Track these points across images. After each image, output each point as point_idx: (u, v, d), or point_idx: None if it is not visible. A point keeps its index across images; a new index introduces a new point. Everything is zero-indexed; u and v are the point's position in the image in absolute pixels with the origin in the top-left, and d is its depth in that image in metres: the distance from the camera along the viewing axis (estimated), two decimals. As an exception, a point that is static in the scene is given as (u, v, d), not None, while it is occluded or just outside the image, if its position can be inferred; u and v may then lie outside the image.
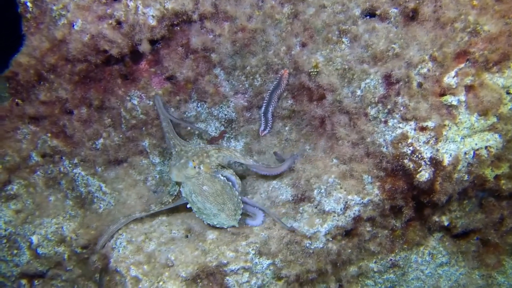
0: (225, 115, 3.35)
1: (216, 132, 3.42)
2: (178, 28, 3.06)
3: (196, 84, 3.26)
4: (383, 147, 2.67)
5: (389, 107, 2.65)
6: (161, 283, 2.61)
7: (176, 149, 3.02)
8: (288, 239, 2.73)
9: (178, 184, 2.94)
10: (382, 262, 3.07)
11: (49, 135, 3.33)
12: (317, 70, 2.85)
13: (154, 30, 2.95)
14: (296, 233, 2.72)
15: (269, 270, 2.72)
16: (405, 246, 3.05)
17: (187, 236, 2.95)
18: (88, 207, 3.45)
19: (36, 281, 3.46)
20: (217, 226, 2.81)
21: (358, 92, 2.73)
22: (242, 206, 2.84)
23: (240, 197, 2.83)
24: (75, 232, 3.32)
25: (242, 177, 3.25)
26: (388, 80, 2.64)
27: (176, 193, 3.02)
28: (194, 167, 2.83)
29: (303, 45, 3.01)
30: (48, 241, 3.32)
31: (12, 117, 3.26)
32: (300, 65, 2.96)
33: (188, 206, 2.87)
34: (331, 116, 2.88)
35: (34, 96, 3.16)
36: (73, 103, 3.20)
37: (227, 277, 2.62)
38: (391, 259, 3.07)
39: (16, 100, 3.22)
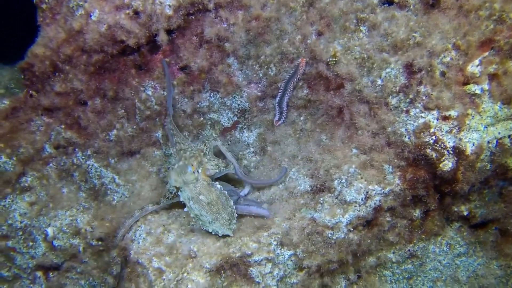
0: (238, 105, 3.33)
1: (229, 123, 3.40)
2: (193, 17, 3.03)
3: (209, 74, 3.24)
4: (405, 136, 2.66)
5: (411, 96, 2.63)
6: (185, 274, 2.61)
7: (177, 148, 3.00)
8: (310, 229, 2.73)
9: (177, 188, 2.91)
10: (400, 252, 3.07)
11: (62, 126, 3.30)
12: (336, 59, 2.83)
13: (171, 20, 2.92)
14: (317, 224, 2.71)
15: (291, 261, 2.72)
16: (423, 236, 3.05)
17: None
18: (102, 199, 3.43)
19: (51, 273, 3.45)
20: (213, 233, 2.78)
21: (379, 82, 2.72)
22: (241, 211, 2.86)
23: (234, 207, 2.79)
24: (89, 224, 3.30)
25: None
26: (410, 69, 2.63)
27: (174, 192, 2.98)
28: (193, 172, 2.83)
29: (320, 34, 2.98)
30: (63, 233, 3.30)
31: (26, 109, 3.23)
32: (317, 54, 2.94)
33: (186, 209, 2.85)
34: (350, 105, 2.86)
35: (49, 87, 3.12)
36: (87, 94, 3.17)
37: (251, 268, 2.62)
38: (409, 250, 3.08)
39: (30, 91, 3.18)
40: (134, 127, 3.31)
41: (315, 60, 2.98)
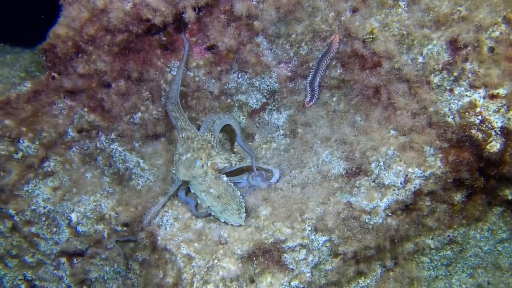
0: (267, 86, 3.21)
1: (257, 104, 3.29)
2: (222, -6, 2.89)
3: (237, 53, 3.12)
4: (448, 116, 2.52)
5: (455, 74, 2.49)
6: (216, 260, 2.51)
7: (183, 135, 2.86)
8: (345, 214, 2.61)
9: (185, 182, 2.82)
10: (439, 238, 2.95)
11: (86, 109, 3.20)
12: (373, 36, 2.68)
13: (199, -3, 2.78)
14: (354, 208, 2.59)
15: (325, 247, 2.61)
16: (464, 222, 2.92)
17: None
18: (126, 183, 3.35)
19: (75, 259, 3.39)
20: (225, 222, 2.70)
21: (420, 59, 2.57)
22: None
23: (241, 196, 2.73)
24: (114, 210, 3.23)
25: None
26: (454, 45, 2.48)
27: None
28: (202, 165, 2.74)
29: (355, 10, 2.85)
30: (87, 219, 3.23)
31: (49, 92, 3.14)
32: (353, 31, 2.80)
33: (198, 201, 2.79)
34: (388, 84, 2.72)
35: (72, 69, 3.02)
36: (111, 76, 3.06)
37: (285, 254, 2.51)
38: (449, 235, 2.96)
39: (53, 73, 3.08)
40: (160, 109, 3.21)
41: (350, 37, 2.84)
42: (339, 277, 2.72)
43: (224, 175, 2.81)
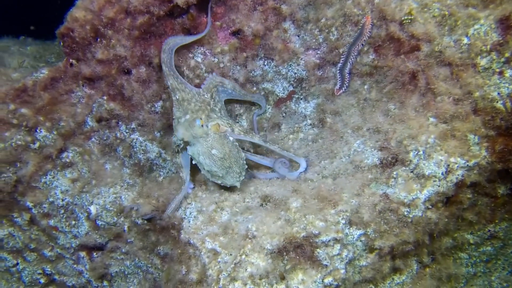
0: (295, 73, 3.05)
1: (284, 93, 3.13)
2: (248, -25, 2.73)
3: (264, 39, 2.96)
4: (497, 101, 2.33)
5: (506, 55, 2.30)
6: (243, 256, 2.36)
7: (177, 96, 2.72)
8: (382, 206, 2.44)
9: (185, 142, 2.67)
10: (479, 233, 2.77)
11: (105, 97, 3.07)
12: (411, 17, 2.50)
13: (225, -24, 2.62)
14: (391, 200, 2.43)
15: (360, 241, 2.45)
16: (507, 216, 2.73)
17: (261, 205, 2.67)
18: (147, 175, 3.22)
19: (95, 253, 3.26)
20: (221, 184, 2.69)
21: (465, 41, 2.39)
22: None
23: (245, 159, 2.68)
24: (135, 202, 3.09)
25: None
26: (505, 23, 2.29)
27: (182, 146, 2.74)
28: (202, 125, 2.60)
29: (390, -10, 2.65)
30: (107, 212, 3.10)
31: (67, 79, 3.00)
32: (388, 13, 2.62)
33: (194, 162, 2.68)
34: (427, 69, 2.54)
35: (91, 54, 2.89)
36: (132, 62, 2.92)
37: (318, 249, 2.35)
38: (489, 230, 2.77)
39: (71, 60, 2.94)
40: (182, 97, 3.04)
41: (384, 20, 2.66)
42: (374, 274, 2.56)
43: (230, 135, 2.68)
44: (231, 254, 2.41)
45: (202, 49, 2.95)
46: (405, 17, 2.52)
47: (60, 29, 2.83)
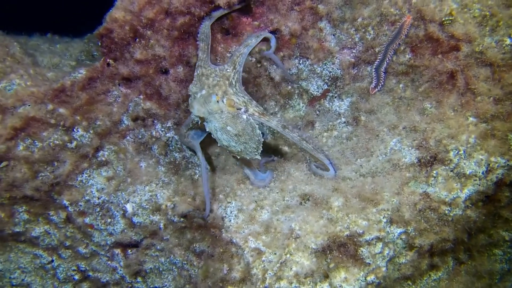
0: (330, 72, 3.08)
1: (318, 91, 3.16)
2: (286, -25, 2.75)
3: (300, 38, 2.99)
4: (540, 102, 2.37)
5: (550, 57, 2.33)
6: (288, 255, 2.40)
7: (198, 72, 2.78)
8: (422, 205, 2.49)
9: (201, 118, 2.72)
10: (515, 230, 2.82)
11: (141, 97, 3.10)
12: (452, 18, 2.53)
13: (264, -22, 2.65)
14: (431, 199, 2.47)
15: (401, 239, 2.50)
16: (542, 213, 2.78)
17: (301, 203, 2.71)
18: (182, 173, 3.26)
19: (130, 250, 3.31)
20: (239, 157, 2.74)
21: (507, 41, 2.43)
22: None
23: (261, 136, 2.69)
24: (170, 200, 3.14)
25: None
26: (549, 25, 2.32)
27: (199, 122, 2.81)
28: (217, 101, 2.64)
29: (428, -9, 2.68)
30: (143, 210, 3.15)
31: (103, 79, 3.04)
32: (427, 13, 2.65)
33: (213, 136, 2.72)
34: (466, 69, 2.58)
35: (129, 54, 2.91)
36: (170, 62, 2.95)
37: (361, 248, 2.40)
38: (525, 227, 2.82)
39: (108, 60, 2.97)
40: (218, 96, 3.07)
41: (423, 20, 2.69)
42: (413, 271, 2.61)
43: (244, 113, 2.70)
44: (275, 253, 2.46)
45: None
46: (446, 18, 2.55)
47: (99, 30, 2.85)
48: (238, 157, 2.71)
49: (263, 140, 2.70)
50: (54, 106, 2.97)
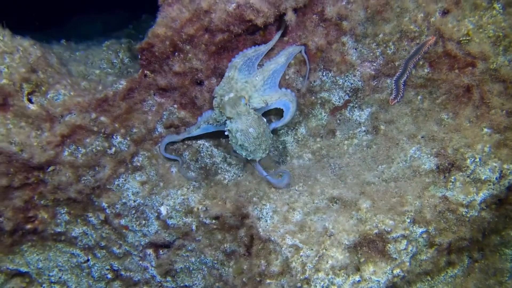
0: (351, 84, 3.33)
1: (340, 102, 3.40)
2: (315, -5, 3.01)
3: (324, 52, 3.23)
4: (547, 115, 2.65)
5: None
6: (324, 250, 2.65)
7: (229, 74, 3.07)
8: (442, 207, 2.75)
9: (228, 118, 3.01)
10: (523, 230, 3.10)
11: (176, 106, 3.32)
12: (469, 38, 2.80)
13: (298, -1, 2.90)
14: (450, 202, 2.74)
15: (422, 237, 2.75)
16: (549, 215, 3.06)
17: (330, 206, 2.96)
18: (212, 178, 3.47)
19: (162, 250, 3.52)
20: (243, 156, 3.07)
21: (520, 60, 2.70)
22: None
23: (272, 139, 3.06)
24: (201, 203, 3.35)
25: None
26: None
27: (223, 121, 3.08)
28: (246, 104, 2.97)
29: (446, 12, 2.96)
30: (176, 212, 3.36)
31: (140, 89, 3.25)
32: (446, 32, 2.92)
33: (226, 133, 3.04)
34: (482, 84, 2.85)
35: (168, 67, 3.14)
36: (205, 74, 3.18)
37: (389, 245, 2.65)
38: (533, 228, 3.10)
39: (146, 71, 3.20)
40: (248, 106, 3.31)
41: (441, 38, 2.96)
42: (432, 267, 2.87)
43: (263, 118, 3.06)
44: (312, 249, 2.70)
45: (269, 62, 3.21)
46: (463, 38, 2.82)
47: (141, 44, 3.07)
48: (244, 155, 3.05)
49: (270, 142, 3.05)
50: (96, 115, 3.17)
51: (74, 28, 6.90)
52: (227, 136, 3.14)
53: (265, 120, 3.07)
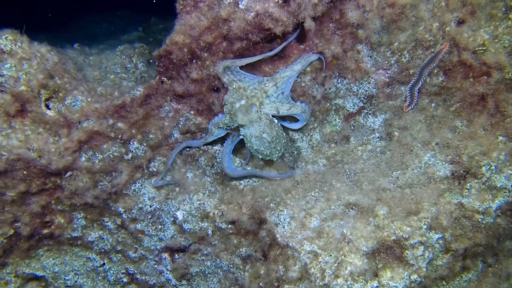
0: (365, 91, 3.37)
1: (354, 108, 3.45)
2: (332, 4, 3.05)
3: (339, 60, 3.27)
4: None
5: None
6: (343, 256, 2.70)
7: (234, 86, 3.09)
8: (458, 214, 2.81)
9: (240, 125, 3.08)
10: (536, 236, 3.16)
11: (192, 112, 3.35)
12: (484, 48, 2.85)
13: (317, 8, 2.95)
14: (466, 209, 2.79)
15: (438, 243, 2.81)
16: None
17: (345, 212, 3.00)
18: (228, 183, 3.51)
19: (177, 254, 3.55)
20: (259, 157, 3.15)
21: (535, 70, 2.75)
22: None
23: (287, 139, 3.14)
24: (217, 208, 3.39)
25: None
26: None
27: (234, 126, 3.16)
28: (257, 111, 3.02)
29: (461, 21, 3.01)
30: (192, 217, 3.39)
31: (157, 95, 3.28)
32: (461, 42, 2.97)
33: (241, 137, 3.10)
34: (497, 93, 2.90)
35: (185, 74, 3.17)
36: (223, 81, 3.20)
37: (407, 251, 2.70)
38: (545, 233, 3.16)
39: (163, 78, 3.23)
40: (263, 112, 3.35)
41: (456, 47, 3.01)
42: (448, 272, 2.92)
43: (275, 119, 3.12)
44: (331, 255, 2.75)
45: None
46: (479, 48, 2.87)
47: (159, 51, 3.10)
48: (260, 157, 3.15)
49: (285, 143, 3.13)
50: (114, 121, 3.21)
51: (80, 30, 6.91)
52: (241, 142, 3.19)
53: (276, 121, 3.12)
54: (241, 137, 3.20)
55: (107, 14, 8.06)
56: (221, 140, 3.44)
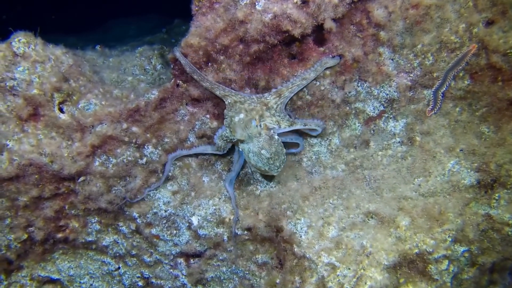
0: (387, 94, 3.24)
1: (374, 112, 3.32)
2: (353, 6, 2.92)
3: (360, 63, 3.14)
4: None
5: None
6: (362, 270, 2.59)
7: (229, 100, 3.00)
8: (485, 226, 2.67)
9: (239, 140, 2.97)
10: None
11: (208, 116, 3.27)
12: (516, 50, 2.70)
13: (337, 9, 2.82)
14: (494, 221, 2.66)
15: (464, 257, 2.68)
16: None
17: (364, 221, 2.89)
18: (244, 188, 3.43)
19: (193, 259, 3.50)
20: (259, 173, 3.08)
21: None
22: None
23: (285, 154, 2.98)
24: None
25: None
26: None
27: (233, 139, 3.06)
28: (257, 126, 2.90)
29: (490, 22, 2.85)
30: (208, 222, 3.33)
31: (173, 99, 3.21)
32: (491, 44, 2.82)
33: (240, 150, 3.00)
34: (528, 99, 2.74)
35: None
36: (239, 84, 3.12)
37: (430, 265, 2.58)
38: None
39: (178, 81, 3.14)
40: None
41: (485, 49, 2.86)
42: (474, 287, 2.79)
43: (275, 134, 2.98)
44: (349, 268, 2.64)
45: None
46: (511, 51, 2.71)
47: (174, 54, 3.02)
48: (259, 172, 3.07)
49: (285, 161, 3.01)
50: (128, 125, 3.14)
51: (108, 32, 6.93)
52: None
53: (276, 137, 2.97)
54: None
55: (137, 18, 8.17)
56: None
